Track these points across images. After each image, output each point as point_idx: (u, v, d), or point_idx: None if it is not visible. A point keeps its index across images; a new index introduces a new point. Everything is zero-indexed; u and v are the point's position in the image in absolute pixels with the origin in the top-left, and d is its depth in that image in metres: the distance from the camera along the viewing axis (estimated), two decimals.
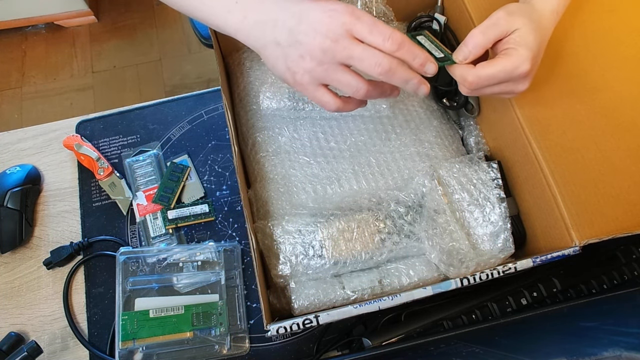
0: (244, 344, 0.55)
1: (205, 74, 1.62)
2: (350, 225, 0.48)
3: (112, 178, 0.63)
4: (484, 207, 0.49)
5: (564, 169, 0.45)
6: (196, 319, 0.54)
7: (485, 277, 0.42)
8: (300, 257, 0.47)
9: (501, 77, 0.41)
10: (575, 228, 0.42)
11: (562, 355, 0.42)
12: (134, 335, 0.52)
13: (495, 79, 0.41)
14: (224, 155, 0.66)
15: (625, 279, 0.52)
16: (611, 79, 0.48)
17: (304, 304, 0.46)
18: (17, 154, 0.66)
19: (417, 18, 0.61)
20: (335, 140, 0.56)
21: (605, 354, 0.39)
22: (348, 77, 0.39)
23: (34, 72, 1.64)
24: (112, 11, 1.73)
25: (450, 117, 0.60)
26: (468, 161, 0.52)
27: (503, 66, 0.41)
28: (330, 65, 0.39)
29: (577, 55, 0.49)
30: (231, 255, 0.59)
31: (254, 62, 0.60)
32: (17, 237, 0.59)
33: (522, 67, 0.41)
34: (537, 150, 0.46)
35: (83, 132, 0.67)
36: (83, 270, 0.60)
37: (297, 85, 0.41)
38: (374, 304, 0.40)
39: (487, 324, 0.47)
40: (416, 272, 0.48)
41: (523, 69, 0.41)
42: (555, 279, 0.51)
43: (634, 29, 0.50)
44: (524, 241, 0.52)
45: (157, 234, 0.60)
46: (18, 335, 0.55)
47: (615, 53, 0.49)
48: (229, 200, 0.63)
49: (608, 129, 0.46)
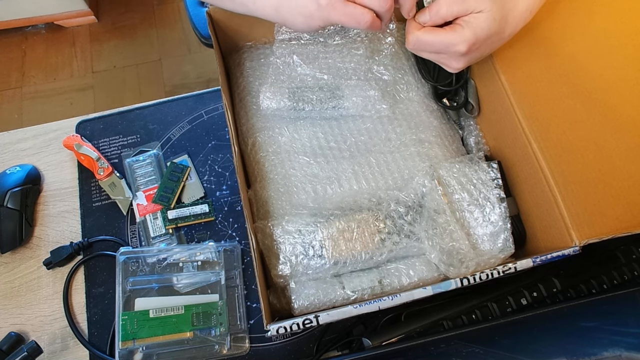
0: (244, 344, 0.55)
1: (205, 74, 1.62)
2: (350, 225, 0.48)
3: (112, 178, 0.63)
4: (484, 207, 0.49)
5: (564, 169, 0.44)
6: (196, 319, 0.54)
7: (485, 277, 0.42)
8: (300, 257, 0.47)
9: (437, 47, 0.44)
10: (575, 228, 0.42)
11: (562, 355, 0.42)
12: (134, 335, 0.52)
13: (432, 47, 0.44)
14: (224, 155, 0.66)
15: (625, 279, 0.52)
16: (611, 79, 0.48)
17: (304, 304, 0.46)
18: (17, 154, 0.66)
19: None
20: (335, 140, 0.56)
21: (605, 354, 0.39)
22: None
23: (34, 72, 1.64)
24: (112, 11, 1.73)
25: (450, 117, 0.60)
26: (468, 161, 0.52)
27: (442, 39, 0.43)
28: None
29: (577, 55, 0.49)
30: (231, 255, 0.59)
31: (254, 62, 0.60)
32: (17, 237, 0.59)
33: (458, 46, 0.43)
34: (537, 150, 0.46)
35: (83, 132, 0.67)
36: (83, 270, 0.60)
37: (324, 10, 0.41)
38: (374, 304, 0.40)
39: (487, 324, 0.47)
40: (416, 272, 0.48)
41: (459, 48, 0.43)
42: (555, 279, 0.51)
43: (634, 29, 0.50)
44: (524, 241, 0.52)
45: (157, 234, 0.60)
46: (18, 335, 0.55)
47: (615, 53, 0.49)
48: (229, 200, 0.63)
49: (608, 129, 0.46)
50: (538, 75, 0.48)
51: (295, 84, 0.57)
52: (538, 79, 0.47)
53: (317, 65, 0.56)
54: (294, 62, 0.56)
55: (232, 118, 0.52)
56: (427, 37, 0.44)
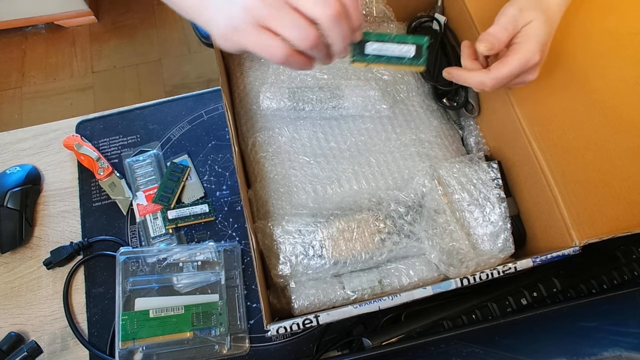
0: (244, 344, 0.55)
1: (205, 74, 1.62)
2: (350, 225, 0.48)
3: (112, 178, 0.63)
4: (484, 207, 0.49)
5: (564, 169, 0.44)
6: (196, 319, 0.54)
7: (485, 277, 0.42)
8: (300, 257, 0.47)
9: (517, 73, 0.43)
10: (575, 228, 0.42)
11: (562, 355, 0.42)
12: (134, 335, 0.52)
13: (512, 76, 0.44)
14: (224, 155, 0.66)
15: (625, 279, 0.52)
16: (611, 79, 0.48)
17: (304, 304, 0.46)
18: (17, 154, 0.66)
19: (417, 18, 0.61)
20: (335, 140, 0.56)
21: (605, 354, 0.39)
22: (295, 17, 0.34)
23: (34, 72, 1.64)
24: (112, 11, 1.73)
25: (450, 117, 0.60)
26: (468, 161, 0.52)
27: (518, 61, 0.43)
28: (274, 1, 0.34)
29: (577, 56, 0.49)
30: (231, 255, 0.59)
31: (254, 62, 0.60)
32: (17, 237, 0.59)
33: (533, 59, 0.43)
34: (537, 150, 0.46)
35: (83, 132, 0.67)
36: (83, 270, 0.60)
37: (237, 33, 0.35)
38: (374, 304, 0.40)
39: (487, 324, 0.47)
40: (416, 272, 0.48)
41: (534, 60, 0.43)
42: (555, 279, 0.51)
43: (633, 30, 0.50)
44: (524, 241, 0.52)
45: (157, 234, 0.60)
46: (18, 335, 0.55)
47: (615, 54, 0.49)
48: (229, 200, 0.63)
49: (608, 129, 0.46)
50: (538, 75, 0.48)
51: (295, 83, 0.57)
52: (538, 79, 0.47)
53: (317, 65, 0.56)
54: None
55: (232, 118, 0.52)
56: (504, 70, 0.43)
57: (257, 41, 0.35)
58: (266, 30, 0.34)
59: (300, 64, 0.37)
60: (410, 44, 0.40)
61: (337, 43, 0.36)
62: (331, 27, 0.35)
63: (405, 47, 0.40)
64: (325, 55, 0.38)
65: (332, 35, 0.36)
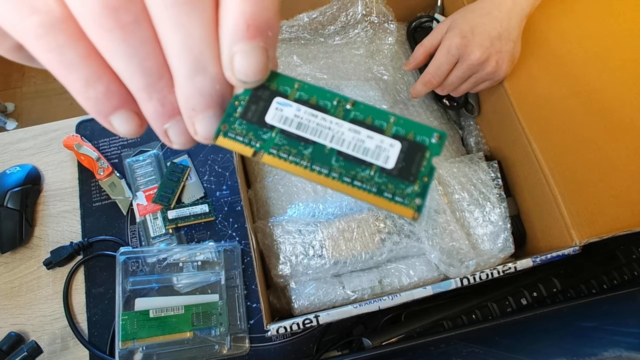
0: (244, 344, 0.55)
1: None
2: (350, 225, 0.48)
3: (112, 178, 0.63)
4: (484, 207, 0.49)
5: (564, 169, 0.45)
6: (196, 319, 0.54)
7: (485, 277, 0.42)
8: (300, 257, 0.47)
9: (444, 65, 0.46)
10: (576, 227, 0.42)
11: (562, 355, 0.42)
12: (134, 335, 0.52)
13: (441, 70, 0.46)
14: (224, 155, 0.66)
15: (625, 279, 0.52)
16: (610, 80, 0.48)
17: (304, 304, 0.46)
18: (17, 154, 0.66)
19: (417, 18, 0.61)
20: None
21: (605, 354, 0.39)
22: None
23: (34, 72, 1.64)
24: None
25: (450, 117, 0.60)
26: (468, 161, 0.52)
27: (438, 52, 0.46)
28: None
29: (575, 56, 0.49)
30: (231, 255, 0.59)
31: None
32: (17, 237, 0.59)
33: (452, 43, 0.44)
34: (537, 150, 0.46)
35: (83, 132, 0.67)
36: (83, 270, 0.60)
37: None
38: (374, 303, 0.40)
39: (487, 324, 0.47)
40: (416, 272, 0.48)
41: (454, 44, 0.44)
42: (555, 279, 0.51)
43: (631, 32, 0.50)
44: (524, 241, 0.52)
45: (157, 234, 0.60)
46: (18, 335, 0.55)
47: (613, 55, 0.49)
48: (229, 200, 0.63)
49: (608, 129, 0.46)
50: (538, 75, 0.48)
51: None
52: (538, 79, 0.47)
53: (317, 65, 0.56)
54: (294, 62, 0.56)
55: None
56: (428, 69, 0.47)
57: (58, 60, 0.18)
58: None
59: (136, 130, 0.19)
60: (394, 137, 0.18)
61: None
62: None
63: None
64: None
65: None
